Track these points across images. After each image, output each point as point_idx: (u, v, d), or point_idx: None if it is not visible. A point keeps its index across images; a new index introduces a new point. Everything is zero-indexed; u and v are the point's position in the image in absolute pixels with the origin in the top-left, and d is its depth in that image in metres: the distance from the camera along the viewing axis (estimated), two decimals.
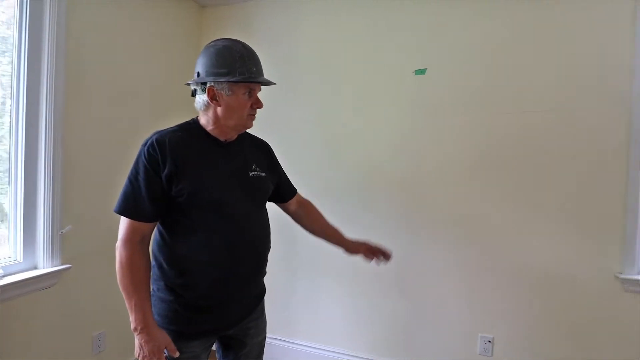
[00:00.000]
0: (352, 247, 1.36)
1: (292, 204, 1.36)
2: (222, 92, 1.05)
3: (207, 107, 1.09)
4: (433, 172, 2.05)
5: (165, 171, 1.01)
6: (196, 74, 1.09)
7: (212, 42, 1.10)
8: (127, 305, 1.01)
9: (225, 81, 1.03)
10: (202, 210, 1.05)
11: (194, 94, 1.11)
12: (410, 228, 2.10)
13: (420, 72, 2.07)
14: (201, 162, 1.07)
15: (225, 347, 1.21)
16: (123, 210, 1.02)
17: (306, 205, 1.40)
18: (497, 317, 1.93)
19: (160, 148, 1.02)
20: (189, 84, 1.13)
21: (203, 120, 1.12)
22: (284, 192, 1.33)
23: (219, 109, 1.07)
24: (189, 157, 1.05)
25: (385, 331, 2.14)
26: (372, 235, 1.58)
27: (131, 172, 1.03)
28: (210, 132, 1.11)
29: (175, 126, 1.11)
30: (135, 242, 1.02)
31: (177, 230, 1.06)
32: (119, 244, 1.02)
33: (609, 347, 1.76)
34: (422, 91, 2.07)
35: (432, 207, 2.06)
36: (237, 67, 1.03)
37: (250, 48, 1.10)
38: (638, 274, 1.72)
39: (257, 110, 1.13)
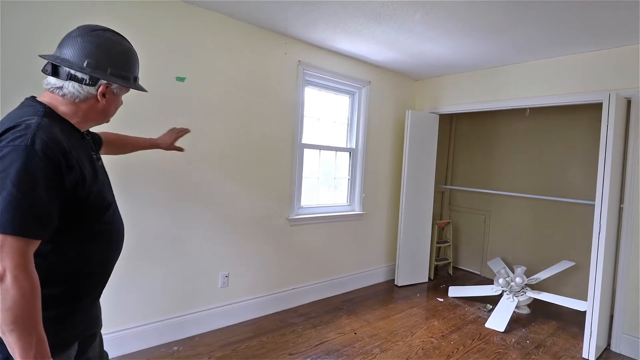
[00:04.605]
0: (164, 142, 1.65)
1: (105, 147, 1.38)
2: (112, 91, 1.04)
3: (86, 99, 1.00)
4: (193, 162, 2.55)
5: (72, 175, 0.90)
6: (85, 62, 0.96)
7: (109, 32, 1.03)
8: (20, 343, 0.80)
9: (126, 86, 1.04)
10: (99, 211, 1.01)
11: (59, 75, 0.96)
12: (174, 206, 2.48)
13: (181, 79, 2.43)
14: (85, 159, 0.99)
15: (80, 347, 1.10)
16: (22, 229, 0.80)
17: (112, 139, 1.44)
18: (231, 258, 2.82)
19: (60, 149, 0.88)
20: (73, 69, 0.96)
21: (65, 109, 0.98)
22: (98, 146, 1.31)
23: (98, 105, 1.02)
24: (77, 154, 0.95)
25: (140, 297, 2.42)
26: (150, 210, 2.16)
27: (19, 182, 0.80)
28: (74, 124, 1.01)
29: (38, 117, 0.90)
30: (34, 266, 0.83)
31: (68, 238, 0.94)
32: (16, 272, 0.80)
33: (284, 253, 3.16)
34: (186, 96, 2.48)
35: (190, 189, 2.55)
36: (133, 73, 1.07)
37: None
38: (296, 216, 3.22)
39: None
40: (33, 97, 0.99)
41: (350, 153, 3.75)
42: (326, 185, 3.66)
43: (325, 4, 2.37)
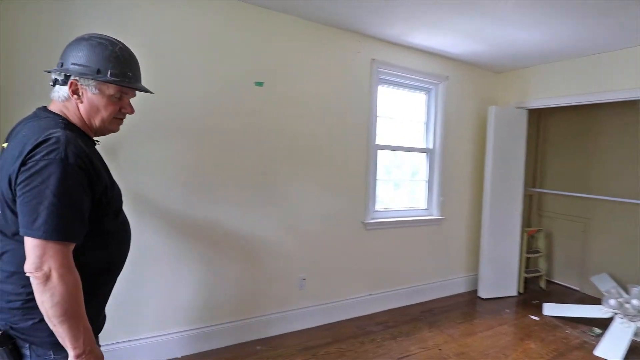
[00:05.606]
0: None
1: None
2: (86, 88, 1.03)
3: (67, 100, 1.05)
4: (269, 164, 2.59)
5: (99, 183, 0.99)
6: (59, 64, 1.04)
7: (86, 35, 1.06)
8: (70, 333, 0.90)
9: (92, 79, 1.02)
10: (115, 213, 1.10)
11: (54, 83, 1.05)
12: (254, 207, 2.54)
13: (259, 84, 2.49)
14: (101, 165, 1.06)
15: None
16: (63, 235, 0.89)
17: None
18: (308, 261, 2.80)
19: (88, 160, 0.96)
20: (49, 72, 1.07)
21: (70, 115, 1.05)
22: None
23: (80, 106, 1.05)
24: (97, 162, 1.02)
25: (226, 295, 2.48)
26: (232, 211, 2.31)
27: (58, 192, 0.88)
28: (82, 129, 1.07)
29: (61, 130, 0.96)
30: (74, 265, 0.93)
31: (91, 240, 1.00)
32: (61, 271, 0.88)
33: (360, 258, 3.05)
34: (263, 100, 2.53)
35: (268, 190, 2.59)
36: (110, 68, 1.04)
37: (130, 51, 1.11)
38: (371, 220, 3.10)
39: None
40: (45, 108, 1.06)
41: (427, 154, 3.53)
42: (402, 188, 3.49)
43: None
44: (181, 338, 2.32)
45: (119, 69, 1.04)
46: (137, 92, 1.17)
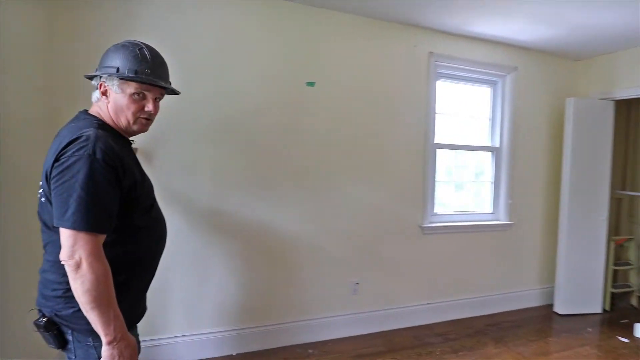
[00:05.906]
0: None
1: None
2: (111, 88, 1.08)
3: (100, 101, 1.12)
4: (323, 164, 2.55)
5: (128, 179, 1.04)
6: (95, 69, 1.12)
7: (120, 41, 1.15)
8: (101, 319, 0.94)
9: (110, 75, 1.07)
10: (147, 208, 1.14)
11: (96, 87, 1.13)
12: (307, 209, 2.52)
13: (311, 84, 2.47)
14: (133, 162, 1.12)
15: None
16: (91, 225, 0.94)
17: None
18: (361, 265, 2.71)
19: (116, 157, 1.01)
20: (89, 78, 1.14)
21: (103, 115, 1.12)
22: None
23: (109, 106, 1.11)
24: (128, 160, 1.08)
25: (279, 296, 2.48)
26: (289, 213, 2.27)
27: (86, 186, 0.94)
28: (115, 129, 1.13)
29: (94, 129, 1.03)
30: (104, 255, 0.97)
31: (122, 234, 1.06)
32: (90, 260, 0.93)
33: (417, 264, 2.89)
34: (315, 100, 2.51)
35: (321, 191, 2.55)
36: (129, 66, 1.07)
37: (154, 52, 1.14)
38: (429, 224, 2.92)
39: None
40: (85, 110, 1.14)
41: (493, 152, 3.24)
42: (465, 190, 3.25)
43: None
44: (235, 336, 2.37)
45: (137, 66, 1.08)
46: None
